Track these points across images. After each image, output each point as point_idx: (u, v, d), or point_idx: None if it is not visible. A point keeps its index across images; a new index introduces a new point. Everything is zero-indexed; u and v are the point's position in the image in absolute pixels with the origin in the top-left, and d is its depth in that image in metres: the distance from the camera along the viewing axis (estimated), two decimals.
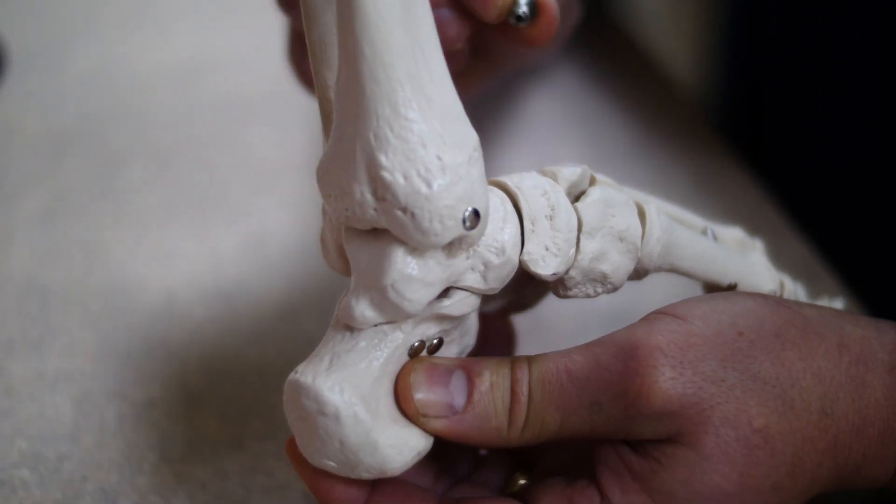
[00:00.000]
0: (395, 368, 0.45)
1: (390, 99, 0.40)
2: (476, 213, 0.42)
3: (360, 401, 0.43)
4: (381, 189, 0.41)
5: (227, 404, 0.63)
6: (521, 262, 0.46)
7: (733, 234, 0.58)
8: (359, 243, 0.44)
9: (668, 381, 0.43)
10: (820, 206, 0.85)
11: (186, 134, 0.84)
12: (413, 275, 0.43)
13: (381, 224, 0.42)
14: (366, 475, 0.44)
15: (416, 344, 0.45)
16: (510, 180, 0.48)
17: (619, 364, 0.44)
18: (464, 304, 0.45)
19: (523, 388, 0.45)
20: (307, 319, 0.69)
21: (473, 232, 0.43)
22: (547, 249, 0.46)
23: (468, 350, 0.49)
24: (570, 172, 0.49)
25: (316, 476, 0.45)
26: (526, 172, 0.49)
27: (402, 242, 0.43)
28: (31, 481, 0.59)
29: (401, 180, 0.41)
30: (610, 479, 0.45)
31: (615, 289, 0.49)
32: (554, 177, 0.48)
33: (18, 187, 0.79)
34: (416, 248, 0.43)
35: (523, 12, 0.51)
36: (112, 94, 0.87)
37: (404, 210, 0.41)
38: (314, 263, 0.67)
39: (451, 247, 0.44)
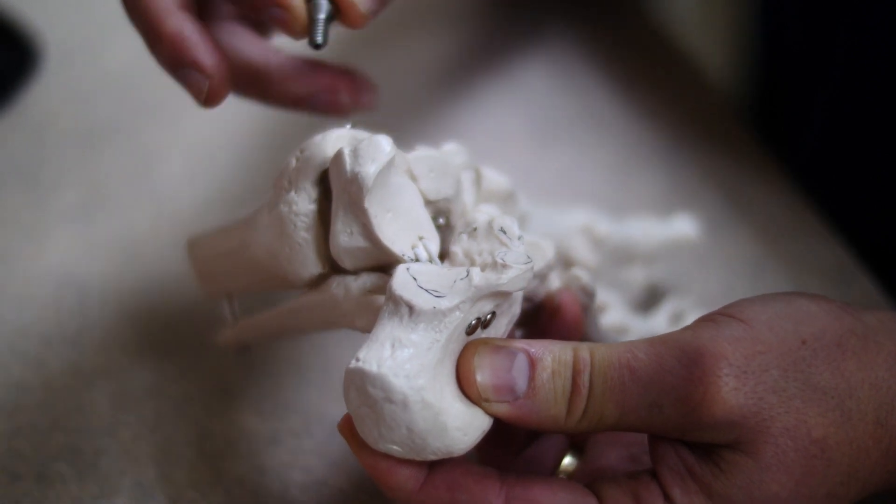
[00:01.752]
0: (455, 348, 0.45)
1: None
2: None
3: (427, 385, 0.43)
4: None
5: (265, 400, 0.63)
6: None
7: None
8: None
9: (731, 392, 0.43)
10: (857, 207, 0.84)
11: (223, 131, 0.84)
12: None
13: None
14: (432, 457, 0.44)
15: (474, 322, 0.45)
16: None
17: (682, 369, 0.43)
18: (519, 280, 0.46)
19: (584, 380, 0.45)
20: None
21: None
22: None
23: (515, 319, 0.49)
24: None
25: (375, 458, 0.45)
26: None
27: None
28: (69, 475, 0.59)
29: None
30: (670, 478, 0.45)
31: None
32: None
33: (55, 182, 0.79)
34: None
35: (319, 41, 0.52)
36: (149, 90, 0.87)
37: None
38: None
39: None
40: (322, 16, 0.51)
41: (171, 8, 0.53)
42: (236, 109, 0.87)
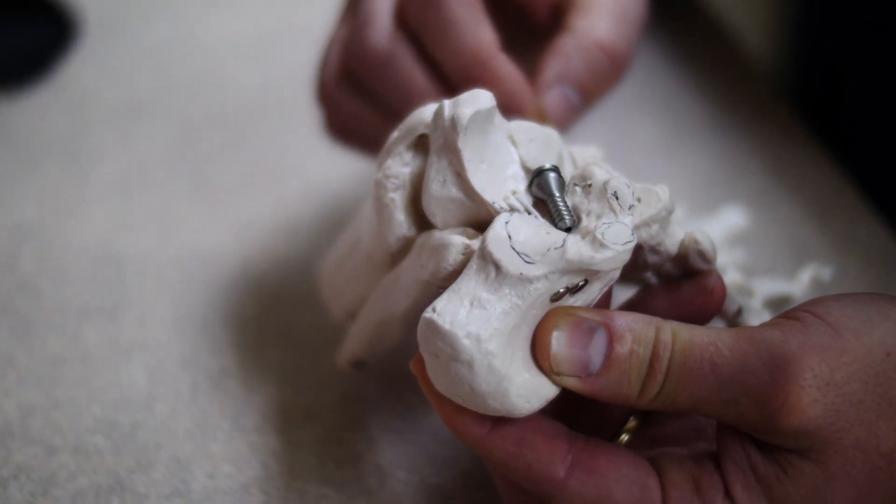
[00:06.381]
0: (536, 314, 0.45)
1: None
2: None
3: (496, 351, 0.43)
4: None
5: (302, 375, 0.63)
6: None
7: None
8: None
9: (811, 403, 0.42)
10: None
11: (262, 105, 0.84)
12: None
13: None
14: (491, 413, 0.44)
15: (562, 290, 0.44)
16: None
17: (766, 373, 0.43)
18: (614, 261, 0.45)
19: (662, 365, 0.44)
20: None
21: None
22: None
23: (612, 282, 0.47)
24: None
25: (442, 400, 0.45)
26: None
27: None
28: (105, 448, 0.59)
29: None
30: (733, 473, 0.44)
31: None
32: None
33: (94, 156, 0.79)
34: None
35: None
36: (188, 65, 0.87)
37: None
38: None
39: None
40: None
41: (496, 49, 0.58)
42: (274, 84, 0.87)
